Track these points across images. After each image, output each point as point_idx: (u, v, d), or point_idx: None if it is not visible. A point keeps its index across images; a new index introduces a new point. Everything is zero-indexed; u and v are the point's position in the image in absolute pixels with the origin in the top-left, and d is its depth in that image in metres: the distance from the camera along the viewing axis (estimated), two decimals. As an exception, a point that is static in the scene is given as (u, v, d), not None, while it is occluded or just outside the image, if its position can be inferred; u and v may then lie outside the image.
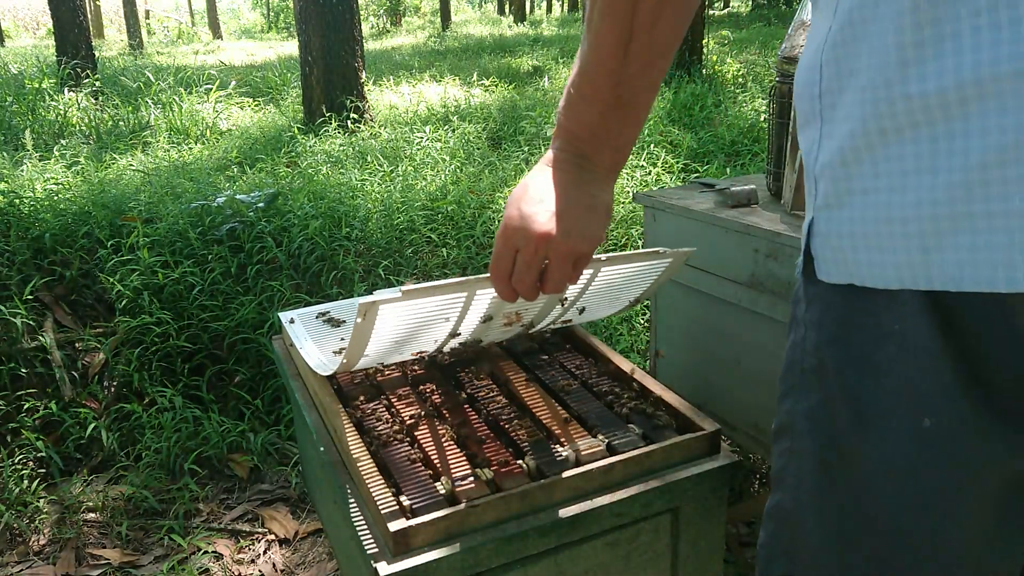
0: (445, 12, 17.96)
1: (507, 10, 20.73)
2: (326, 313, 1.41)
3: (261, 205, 2.80)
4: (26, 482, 1.91)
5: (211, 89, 6.13)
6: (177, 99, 5.73)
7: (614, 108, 0.78)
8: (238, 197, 2.82)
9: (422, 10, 24.70)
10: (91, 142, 4.78)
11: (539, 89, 6.63)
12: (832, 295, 0.64)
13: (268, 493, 1.96)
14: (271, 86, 7.11)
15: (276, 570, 1.70)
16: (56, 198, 3.08)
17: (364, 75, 5.54)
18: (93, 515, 1.87)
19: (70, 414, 2.10)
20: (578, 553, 0.98)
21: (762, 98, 5.57)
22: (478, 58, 9.71)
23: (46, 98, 5.70)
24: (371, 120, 5.37)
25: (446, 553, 0.88)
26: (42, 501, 1.89)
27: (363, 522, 0.95)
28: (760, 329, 1.40)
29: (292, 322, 1.39)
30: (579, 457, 1.00)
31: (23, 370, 2.20)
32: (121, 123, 5.27)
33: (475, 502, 0.91)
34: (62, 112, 5.38)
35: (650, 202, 1.60)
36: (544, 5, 28.48)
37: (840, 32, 0.58)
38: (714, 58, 7.40)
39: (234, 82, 6.89)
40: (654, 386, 1.17)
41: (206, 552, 1.74)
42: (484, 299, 1.05)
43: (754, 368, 1.44)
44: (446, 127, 4.85)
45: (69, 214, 2.86)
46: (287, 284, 2.51)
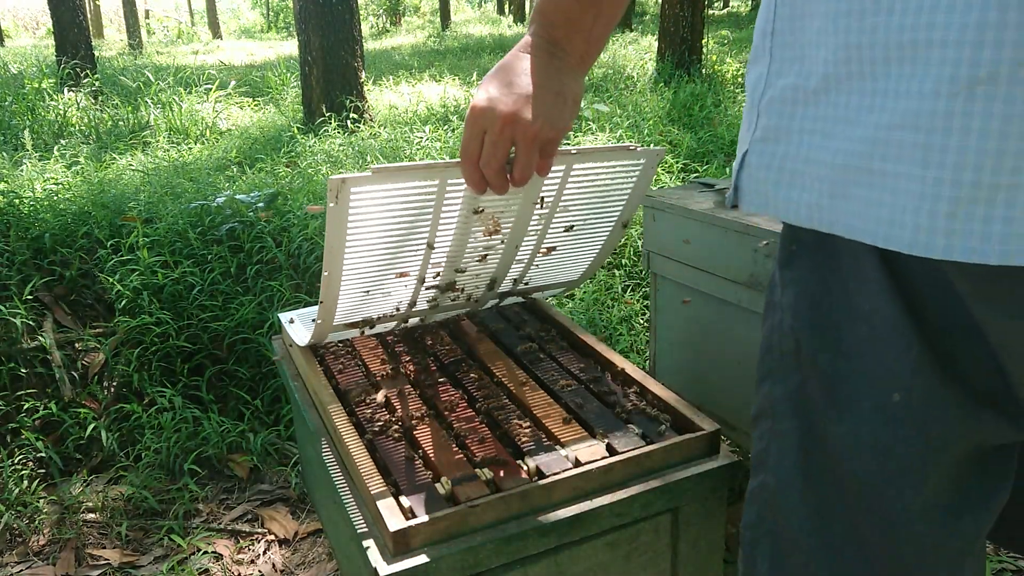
0: (445, 12, 17.96)
1: (507, 10, 20.72)
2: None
3: (261, 205, 2.80)
4: (26, 482, 1.91)
5: (211, 89, 6.13)
6: (177, 99, 5.74)
7: None
8: (238, 197, 2.82)
9: (422, 10, 24.67)
10: (91, 142, 4.78)
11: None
12: (807, 279, 0.66)
13: (268, 493, 1.96)
14: (271, 86, 7.10)
15: (276, 570, 1.70)
16: (56, 198, 3.07)
17: (364, 75, 5.54)
18: (93, 515, 1.87)
19: (70, 414, 2.10)
20: (578, 553, 0.98)
21: (762, 98, 5.56)
22: (478, 58, 9.71)
23: (46, 98, 5.70)
24: (371, 120, 5.37)
25: (446, 553, 0.88)
26: (42, 501, 1.89)
27: (363, 522, 0.95)
28: (760, 329, 1.40)
29: (292, 322, 1.39)
30: (579, 457, 1.00)
31: (23, 370, 2.20)
32: (121, 123, 5.27)
33: (475, 502, 0.91)
34: (62, 112, 5.38)
35: (650, 202, 1.60)
36: (544, 5, 28.40)
37: None
38: (714, 58, 7.40)
39: (234, 82, 6.88)
40: (654, 386, 1.17)
41: (206, 552, 1.74)
42: (456, 195, 1.07)
43: (754, 368, 1.44)
44: (446, 127, 4.85)
45: (69, 214, 2.86)
46: (287, 284, 2.51)
